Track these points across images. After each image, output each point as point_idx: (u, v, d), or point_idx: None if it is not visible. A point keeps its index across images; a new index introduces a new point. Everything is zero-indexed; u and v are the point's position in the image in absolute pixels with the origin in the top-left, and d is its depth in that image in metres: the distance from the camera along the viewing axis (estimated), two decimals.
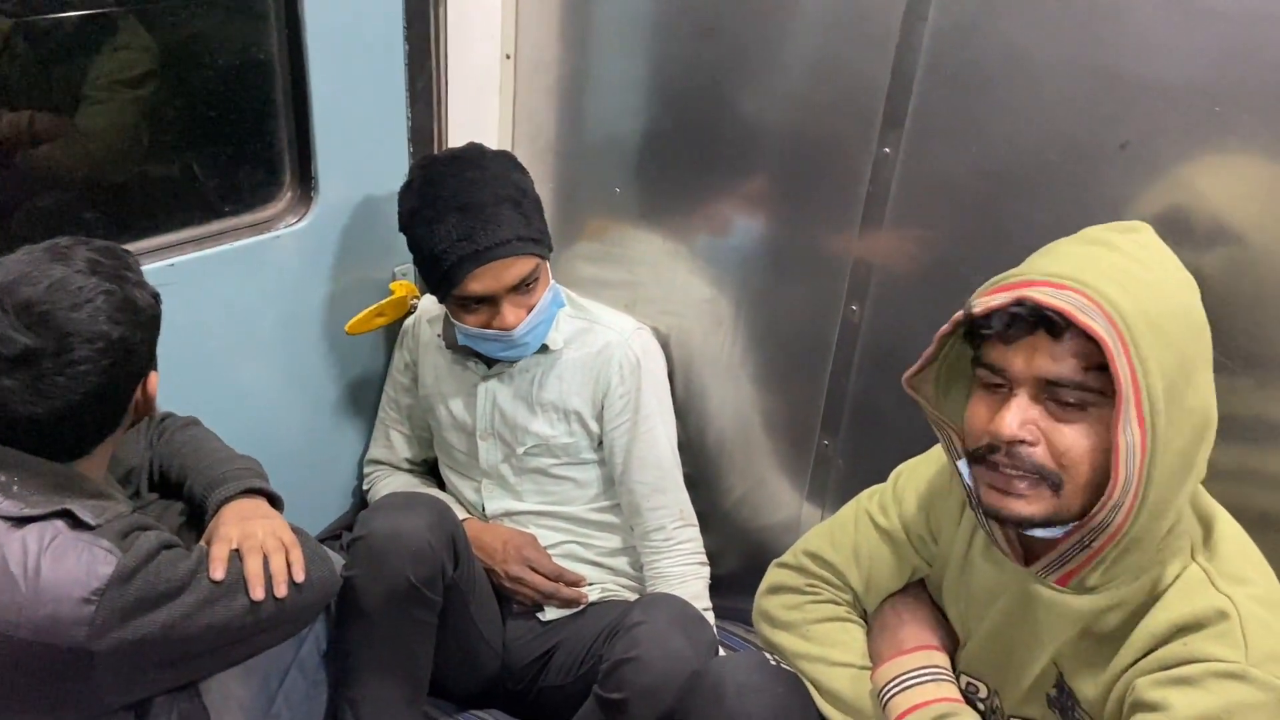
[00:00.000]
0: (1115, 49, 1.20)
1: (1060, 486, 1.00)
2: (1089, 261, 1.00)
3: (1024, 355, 0.99)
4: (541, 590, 1.71)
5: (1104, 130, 1.24)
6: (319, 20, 1.60)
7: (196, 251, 1.60)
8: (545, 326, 1.66)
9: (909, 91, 1.39)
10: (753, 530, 1.87)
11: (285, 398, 1.85)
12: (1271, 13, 1.09)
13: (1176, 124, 1.18)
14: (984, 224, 1.39)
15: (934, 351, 1.09)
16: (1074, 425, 0.99)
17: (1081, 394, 0.98)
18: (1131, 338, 0.94)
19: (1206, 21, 1.13)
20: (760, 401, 1.77)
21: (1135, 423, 0.94)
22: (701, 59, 1.64)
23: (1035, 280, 0.99)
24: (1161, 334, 0.95)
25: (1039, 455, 1.00)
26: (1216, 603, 0.99)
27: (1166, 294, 1.00)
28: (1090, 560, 1.01)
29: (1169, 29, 1.16)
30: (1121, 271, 0.98)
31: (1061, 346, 0.97)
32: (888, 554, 1.29)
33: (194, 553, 1.25)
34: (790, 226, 1.61)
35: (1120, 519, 0.97)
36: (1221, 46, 1.13)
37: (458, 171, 1.56)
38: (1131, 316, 0.95)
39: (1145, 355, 0.94)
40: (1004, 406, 1.01)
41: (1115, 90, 1.22)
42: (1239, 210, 1.17)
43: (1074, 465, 0.99)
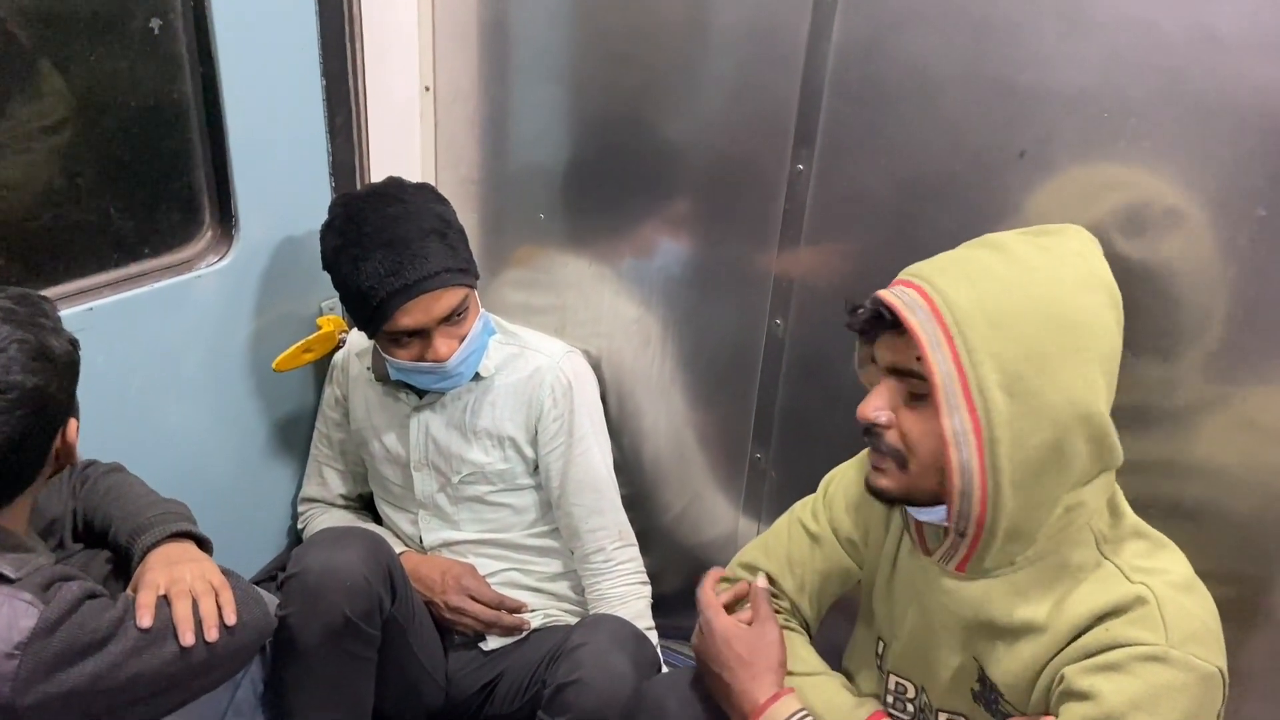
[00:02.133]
0: (1009, 61, 1.25)
1: (907, 464, 1.08)
2: (952, 262, 1.09)
3: (881, 349, 1.09)
4: (482, 619, 1.70)
5: (1003, 139, 1.29)
6: (233, 58, 1.59)
7: (115, 295, 1.57)
8: (478, 355, 1.66)
9: (818, 109, 1.43)
10: (691, 547, 1.88)
11: (213, 439, 1.82)
12: (1147, 19, 1.15)
13: (1069, 131, 1.23)
14: (897, 233, 1.43)
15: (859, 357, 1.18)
16: (918, 411, 1.07)
17: (924, 384, 1.05)
18: (959, 330, 1.01)
19: (1091, 31, 1.19)
20: (692, 418, 1.79)
21: (965, 411, 1.01)
22: (618, 85, 1.67)
23: (898, 281, 1.09)
24: (1001, 328, 1.01)
25: (891, 437, 1.09)
26: (1133, 590, 1.02)
27: (1027, 290, 1.03)
28: (975, 546, 1.07)
29: (1057, 40, 1.21)
30: (981, 270, 1.05)
31: (903, 339, 1.05)
32: (819, 559, 1.32)
33: (119, 601, 1.22)
34: (713, 245, 1.64)
35: (978, 507, 1.03)
36: (1106, 54, 1.19)
37: (379, 206, 1.55)
38: (963, 310, 1.01)
39: (974, 346, 1.00)
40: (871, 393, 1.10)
41: (1011, 100, 1.27)
42: (1136, 211, 1.22)
43: (916, 445, 1.07)
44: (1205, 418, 1.24)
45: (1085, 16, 1.19)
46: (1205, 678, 0.99)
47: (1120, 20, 1.17)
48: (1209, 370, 1.23)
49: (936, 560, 1.13)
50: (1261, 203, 1.14)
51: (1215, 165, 1.15)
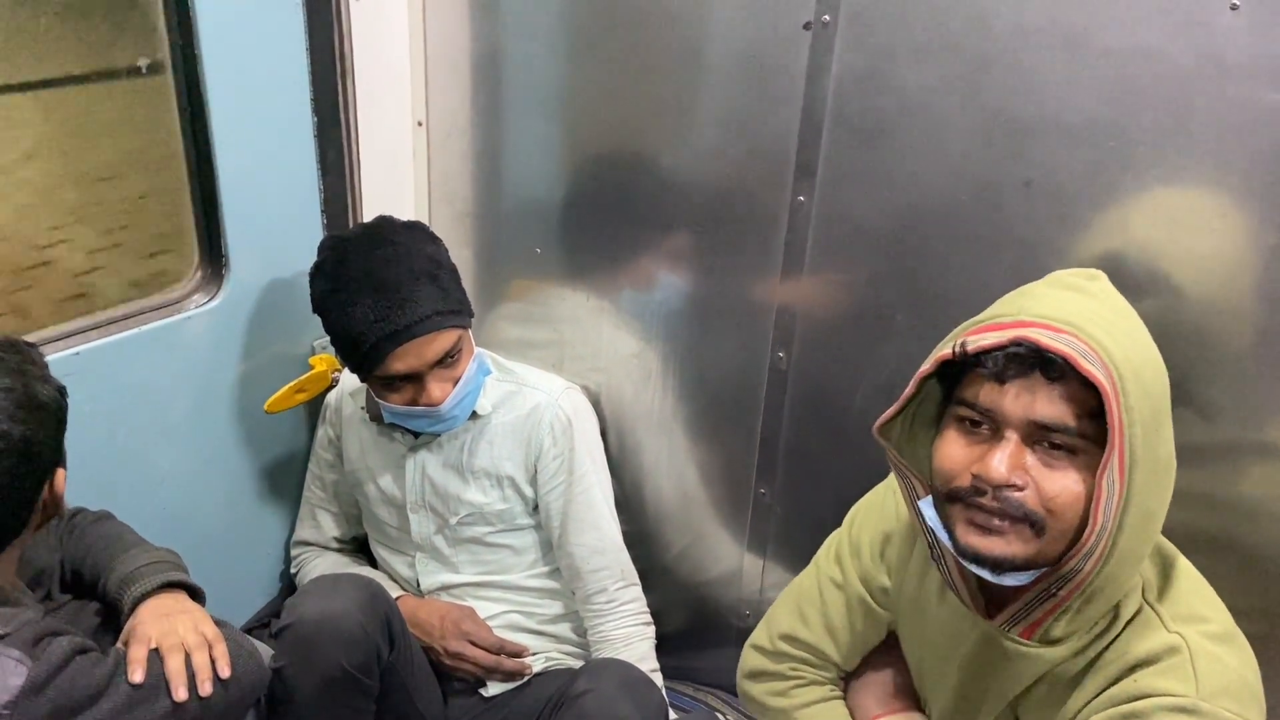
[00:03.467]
0: (1011, 91, 1.24)
1: (1044, 531, 0.98)
2: (1075, 307, 0.98)
3: (1017, 396, 0.97)
4: (483, 665, 1.66)
5: (1007, 170, 1.28)
6: (223, 95, 1.57)
7: (103, 337, 1.54)
8: (473, 396, 1.63)
9: (819, 140, 1.42)
10: (695, 585, 1.85)
11: (203, 483, 1.78)
12: (1154, 48, 1.14)
13: (1076, 160, 1.22)
14: (900, 265, 1.41)
15: (912, 392, 1.06)
16: (1063, 471, 0.97)
17: (1074, 440, 0.96)
18: (1123, 386, 0.93)
19: (1095, 60, 1.18)
20: (695, 454, 1.76)
21: (1116, 471, 0.93)
22: (615, 118, 1.65)
23: (1029, 321, 0.97)
24: (1142, 383, 0.95)
25: (1029, 500, 0.97)
26: (1168, 640, 0.99)
27: (1142, 343, 1.00)
28: (1054, 610, 1.01)
29: (1061, 68, 1.21)
30: (1104, 319, 0.98)
31: (1057, 390, 0.96)
32: (859, 620, 1.28)
33: (110, 656, 1.18)
34: (713, 278, 1.62)
35: (1089, 567, 0.96)
36: (1111, 84, 1.18)
37: (368, 249, 1.52)
38: (1122, 364, 0.94)
39: (1131, 404, 0.93)
40: (992, 448, 0.98)
41: (1015, 131, 1.26)
42: (1146, 241, 1.21)
43: (1061, 511, 0.97)
44: (1230, 452, 1.22)
45: (1090, 46, 1.18)
46: None
47: (1126, 50, 1.17)
48: (1232, 404, 1.22)
49: (1000, 624, 1.06)
50: (1275, 229, 1.13)
51: (1226, 194, 1.14)
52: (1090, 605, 1.00)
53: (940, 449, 1.04)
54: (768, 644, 1.36)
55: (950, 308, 1.22)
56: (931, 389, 1.08)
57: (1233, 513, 1.24)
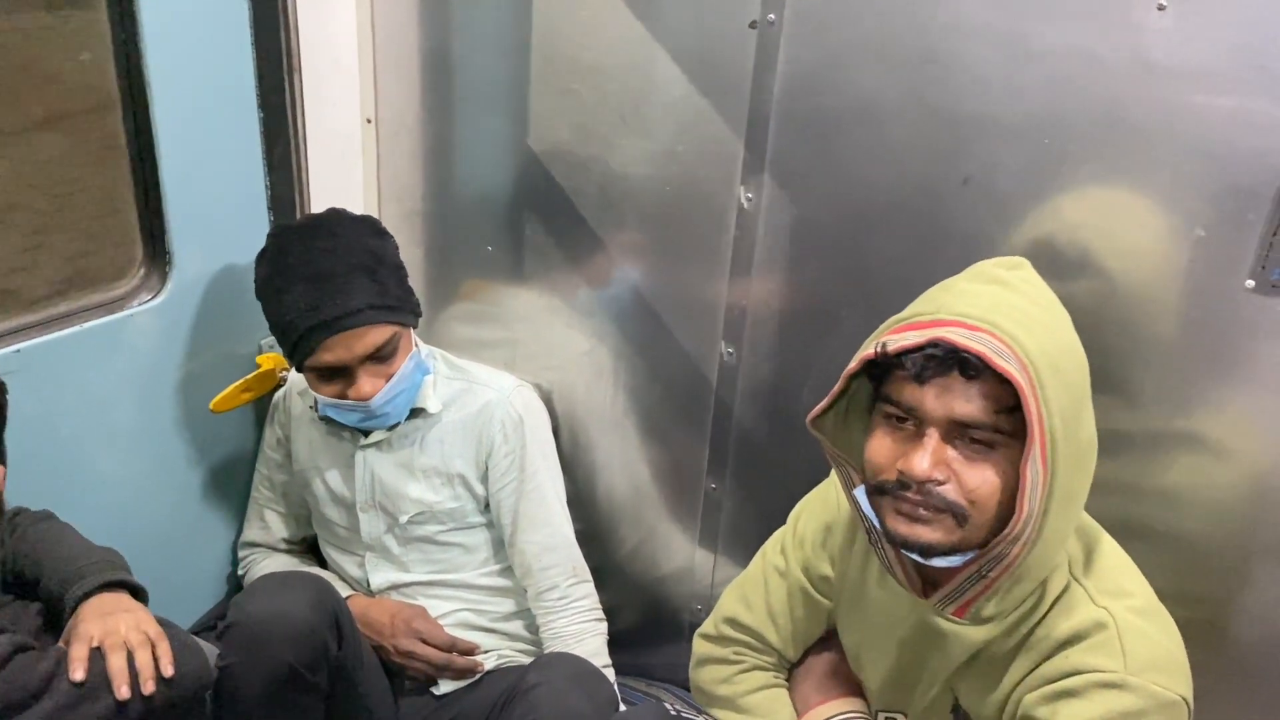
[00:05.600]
0: (951, 89, 1.27)
1: (966, 520, 1.01)
2: (994, 302, 1.01)
3: (937, 395, 1.00)
4: (434, 663, 1.65)
5: (947, 167, 1.31)
6: (166, 89, 1.55)
7: (45, 335, 1.51)
8: (408, 395, 1.62)
9: (765, 139, 1.43)
10: (648, 582, 1.86)
11: (149, 483, 1.75)
12: (1088, 48, 1.17)
13: (1013, 158, 1.25)
14: (845, 261, 1.44)
15: (840, 389, 1.09)
16: (983, 464, 1.00)
17: (992, 434, 0.99)
18: (1039, 379, 0.96)
19: (1032, 59, 1.21)
20: (647, 450, 1.77)
21: (1039, 460, 0.96)
22: (564, 116, 1.66)
23: (946, 320, 1.00)
24: (1059, 373, 0.98)
25: (950, 492, 1.01)
26: (1095, 615, 1.03)
27: (1059, 333, 1.03)
28: (986, 590, 1.04)
29: (998, 67, 1.23)
30: (1022, 312, 1.00)
31: (974, 388, 0.98)
32: (799, 606, 1.30)
33: (51, 654, 1.17)
34: (663, 275, 1.64)
35: (1016, 550, 0.99)
36: (1047, 82, 1.21)
37: (309, 239, 1.52)
38: (1037, 358, 0.97)
39: (1049, 396, 0.96)
40: (916, 446, 1.01)
41: (954, 129, 1.28)
42: (1079, 236, 1.24)
43: (982, 502, 1.00)
44: (1156, 440, 1.26)
45: (1025, 46, 1.21)
46: (1166, 705, 0.99)
47: (1059, 49, 1.20)
48: (1158, 393, 1.25)
49: (934, 602, 1.09)
50: (1200, 224, 1.17)
51: (1155, 189, 1.18)
52: (1019, 585, 1.04)
53: (869, 445, 1.08)
54: (712, 630, 1.38)
55: (894, 304, 1.23)
56: (862, 381, 1.11)
57: (1157, 500, 1.28)
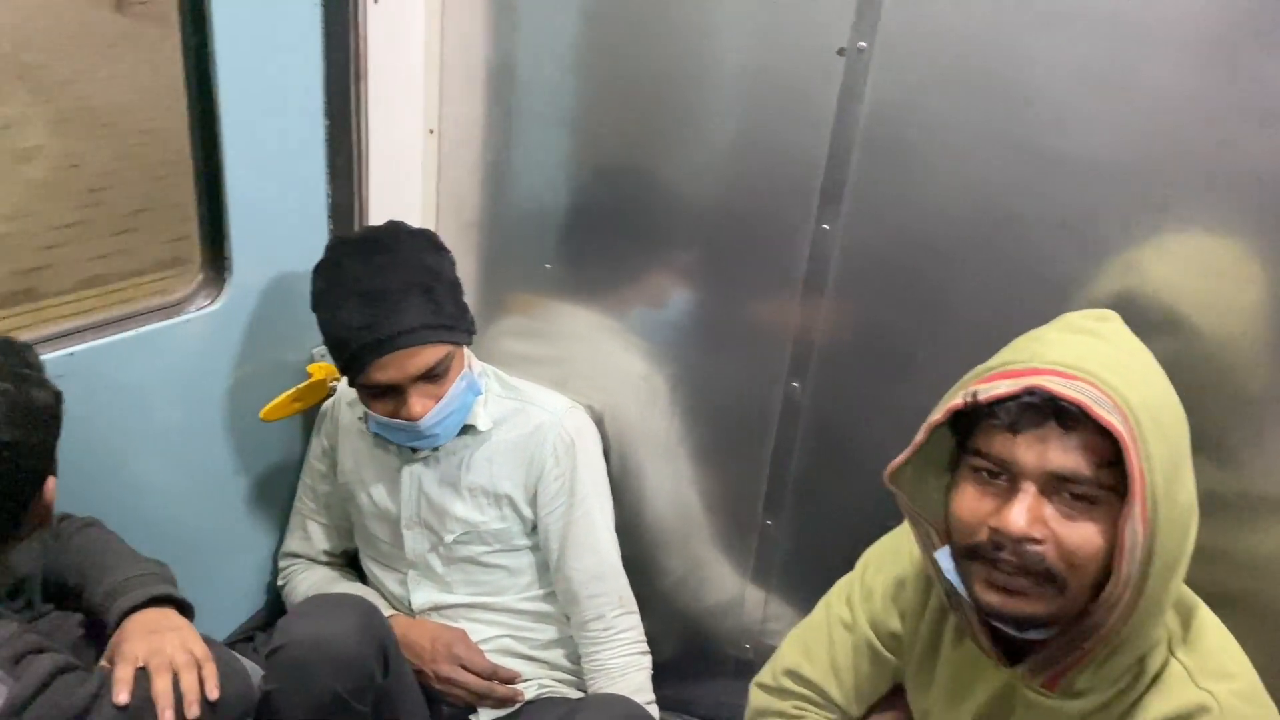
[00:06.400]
0: (1050, 128, 1.22)
1: (1066, 586, 0.95)
2: (1088, 351, 0.96)
3: (1033, 448, 0.94)
4: (475, 690, 1.61)
5: (1041, 208, 1.25)
6: (234, 93, 1.53)
7: (99, 339, 1.49)
8: (459, 416, 1.58)
9: (846, 168, 1.39)
10: (693, 614, 1.81)
11: (193, 490, 1.73)
12: (1199, 94, 1.12)
13: (1115, 203, 1.20)
14: (925, 299, 1.38)
15: (922, 440, 1.03)
16: (1083, 522, 0.94)
17: (1093, 490, 0.94)
18: (1141, 433, 0.90)
19: (1140, 102, 1.16)
20: (700, 480, 1.72)
21: (1139, 520, 0.91)
22: (634, 134, 1.62)
23: (1040, 368, 0.94)
24: (1160, 427, 0.92)
25: (1048, 554, 0.94)
26: (1198, 698, 0.97)
27: (1157, 386, 0.97)
28: (1080, 661, 0.98)
29: (1100, 108, 1.18)
30: (1118, 362, 0.95)
31: (1073, 440, 0.93)
32: (865, 662, 1.24)
33: (94, 675, 1.13)
34: (728, 302, 1.59)
35: (1114, 618, 0.94)
36: (1153, 126, 1.16)
37: (366, 254, 1.49)
38: (1139, 410, 0.91)
39: (1151, 451, 0.91)
40: (1010, 501, 0.95)
41: (1051, 169, 1.23)
42: (1179, 289, 1.19)
43: (1083, 565, 0.94)
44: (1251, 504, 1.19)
45: (1133, 87, 1.16)
46: None
47: (1167, 92, 1.14)
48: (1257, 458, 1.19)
49: (1023, 672, 1.03)
50: None
51: (1269, 243, 1.12)
52: (1115, 657, 0.98)
53: (956, 501, 1.01)
54: (771, 680, 1.33)
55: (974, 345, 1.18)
56: (942, 434, 1.05)
57: (1250, 568, 1.22)
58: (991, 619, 1.00)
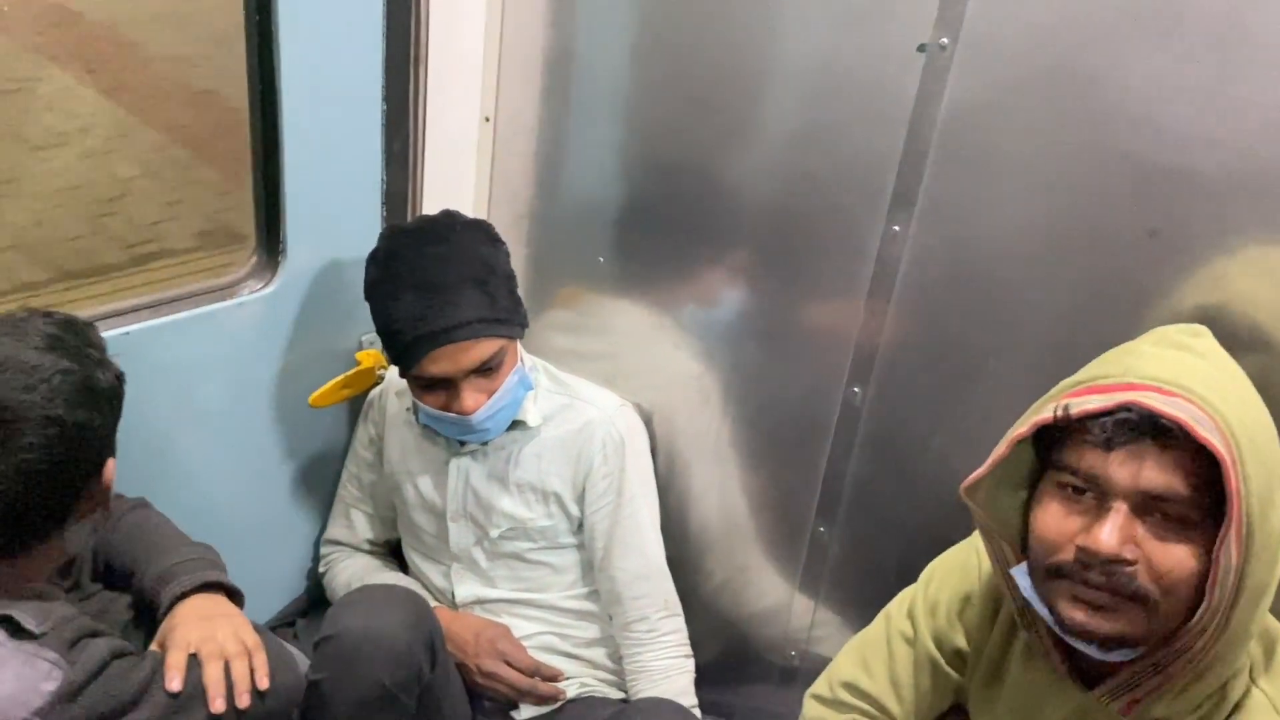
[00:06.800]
0: (1143, 136, 1.18)
1: (1156, 609, 0.92)
2: (1187, 367, 0.92)
3: (1127, 465, 0.90)
4: (517, 687, 1.59)
5: (1129, 217, 1.21)
6: (296, 77, 1.51)
7: (155, 319, 1.48)
8: (510, 410, 1.56)
9: (921, 170, 1.35)
10: (738, 619, 1.78)
11: (238, 474, 1.72)
12: None
13: (1209, 215, 1.16)
14: (998, 308, 1.35)
15: (1004, 454, 0.99)
16: (1177, 544, 0.91)
17: (1188, 511, 0.90)
18: (1240, 454, 0.87)
19: (1242, 110, 1.12)
20: (750, 483, 1.69)
21: (1234, 544, 0.87)
22: (694, 129, 1.59)
23: (1137, 384, 0.91)
24: (1256, 448, 0.89)
25: (1139, 575, 0.91)
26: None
27: (1253, 406, 0.94)
28: (1161, 687, 0.95)
29: (1202, 116, 1.14)
30: (1216, 380, 0.92)
31: (1169, 458, 0.89)
32: (926, 678, 1.20)
33: (147, 661, 1.12)
34: (788, 303, 1.56)
35: (1201, 644, 0.91)
36: (1253, 135, 1.11)
37: (421, 245, 1.48)
38: (1238, 430, 0.88)
39: (1249, 473, 0.87)
40: (1100, 519, 0.92)
41: (1144, 177, 1.19)
42: (1268, 305, 1.15)
43: (1174, 587, 0.91)
44: None
45: (1231, 94, 1.12)
46: None
47: (1266, 102, 1.10)
48: None
49: (1100, 696, 1.00)
50: None
51: None
52: (1197, 684, 0.95)
53: (1040, 519, 0.98)
54: (827, 692, 1.29)
55: (1050, 357, 1.15)
56: (1022, 449, 1.01)
57: None
58: (1076, 638, 0.96)
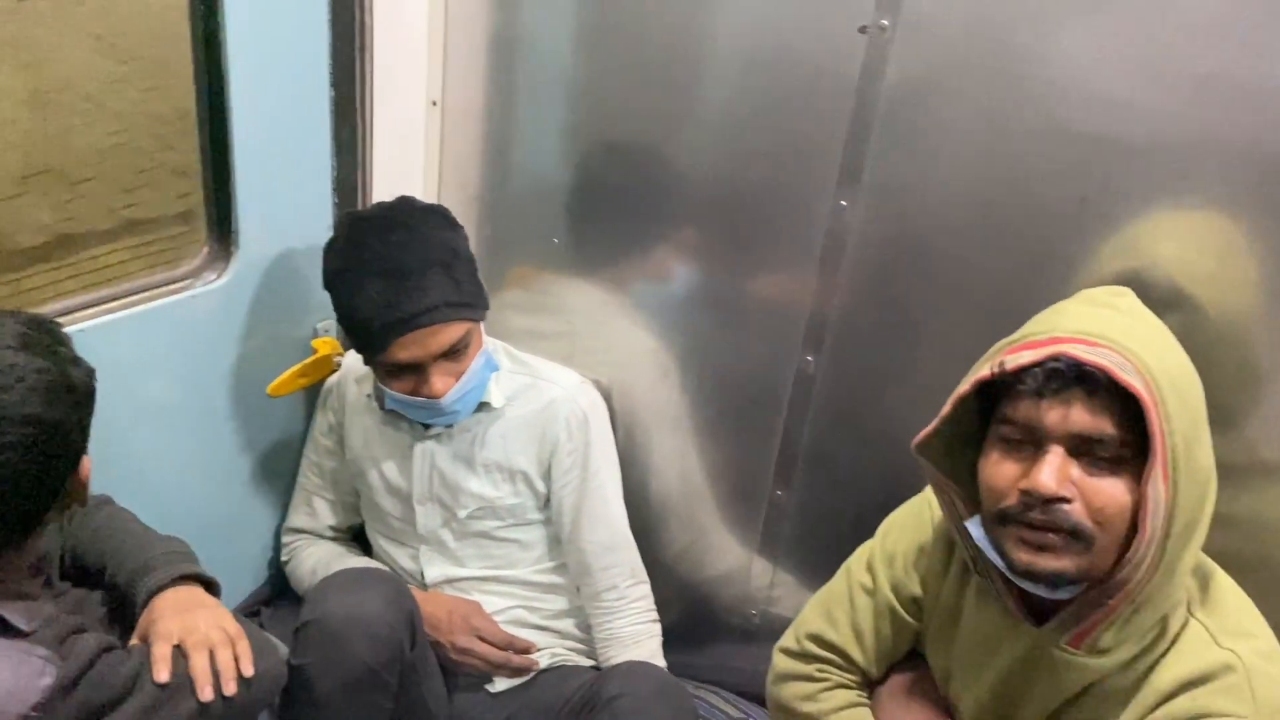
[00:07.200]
0: (1076, 107, 1.24)
1: (1093, 544, 0.99)
2: (1107, 322, 1.01)
3: (1058, 411, 0.98)
4: (491, 660, 1.63)
5: (1062, 186, 1.28)
6: (243, 66, 1.50)
7: (109, 314, 1.47)
8: (478, 392, 1.59)
9: (866, 147, 1.40)
10: (700, 583, 1.84)
11: (197, 466, 1.71)
12: (1230, 73, 1.15)
13: (1137, 182, 1.23)
14: (942, 276, 1.41)
15: (949, 412, 1.07)
16: (1109, 482, 0.99)
17: (1116, 449, 0.98)
18: (1161, 395, 0.96)
19: (1169, 80, 1.18)
20: (708, 452, 1.75)
21: (1161, 480, 0.96)
22: (643, 108, 1.62)
23: (1063, 337, 0.99)
24: (1179, 393, 0.97)
25: (1076, 512, 0.99)
26: (1221, 657, 1.01)
27: (1174, 355, 1.02)
28: (1104, 619, 1.02)
29: (1131, 87, 1.20)
30: (1137, 333, 1.00)
31: (1097, 403, 0.97)
32: (887, 626, 1.28)
33: (134, 654, 1.13)
34: (742, 278, 1.60)
35: (1139, 576, 0.98)
36: (1182, 106, 1.18)
37: (383, 231, 1.48)
38: (1159, 375, 0.96)
39: (1170, 413, 0.96)
40: (1038, 463, 0.99)
41: (1076, 147, 1.25)
42: (1187, 266, 1.23)
43: (1109, 522, 0.99)
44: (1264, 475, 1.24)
45: (1162, 66, 1.18)
46: None
47: (1199, 73, 1.17)
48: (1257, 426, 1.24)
49: (1050, 630, 1.07)
50: None
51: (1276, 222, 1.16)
52: (1139, 615, 1.02)
53: (986, 469, 1.06)
54: (794, 645, 1.36)
55: (992, 320, 1.21)
56: (970, 408, 1.09)
57: (1260, 533, 1.27)
58: (1024, 578, 1.04)
